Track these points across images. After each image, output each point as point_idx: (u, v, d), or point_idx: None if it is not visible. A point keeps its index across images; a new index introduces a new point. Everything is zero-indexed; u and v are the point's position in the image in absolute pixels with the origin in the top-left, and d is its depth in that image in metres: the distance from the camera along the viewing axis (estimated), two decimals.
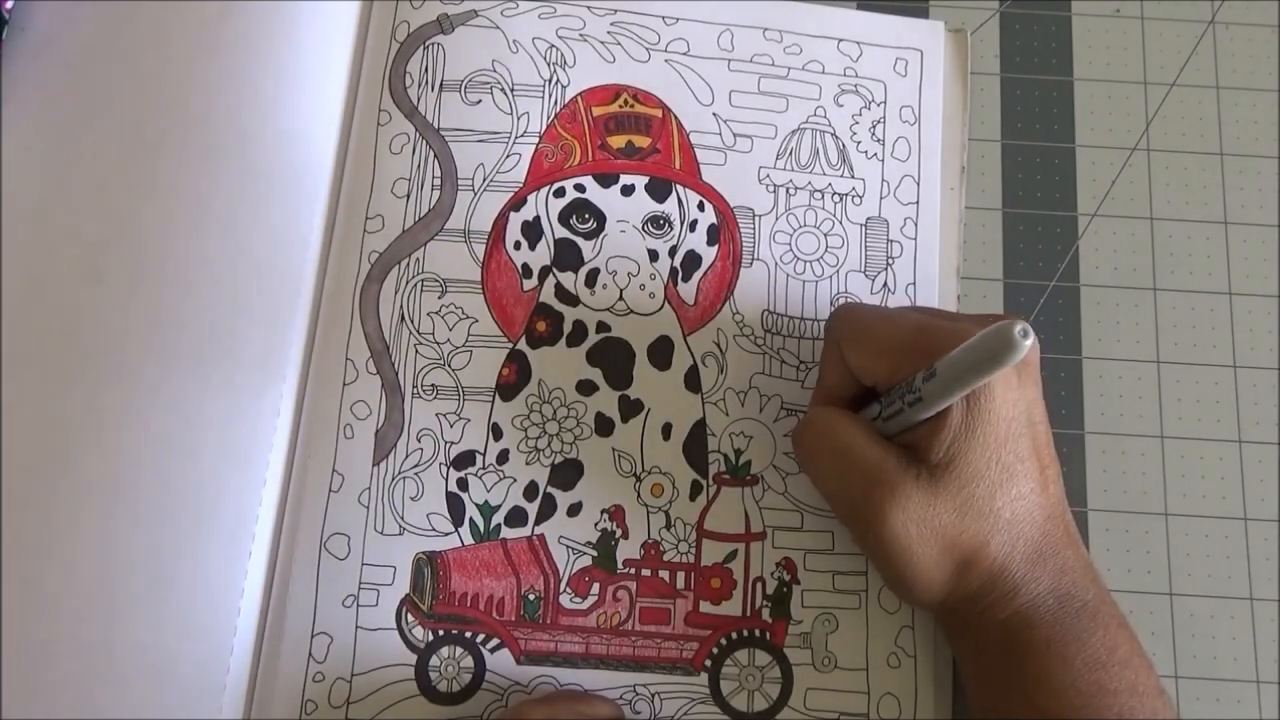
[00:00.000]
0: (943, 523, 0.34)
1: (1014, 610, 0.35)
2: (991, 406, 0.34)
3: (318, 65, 0.44)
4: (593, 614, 0.40)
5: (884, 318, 0.37)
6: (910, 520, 0.34)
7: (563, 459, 0.42)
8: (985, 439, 0.34)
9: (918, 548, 0.35)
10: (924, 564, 0.35)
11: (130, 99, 0.43)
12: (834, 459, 0.37)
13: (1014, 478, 0.35)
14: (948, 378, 0.33)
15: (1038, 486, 0.35)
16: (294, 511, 0.40)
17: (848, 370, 0.38)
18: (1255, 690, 0.41)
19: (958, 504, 0.34)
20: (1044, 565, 0.35)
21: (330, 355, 0.42)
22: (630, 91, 0.45)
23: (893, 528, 0.34)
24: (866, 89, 0.46)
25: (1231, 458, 0.43)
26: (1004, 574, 0.35)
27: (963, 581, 0.35)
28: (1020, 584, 0.35)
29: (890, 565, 0.35)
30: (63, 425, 0.39)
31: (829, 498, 0.38)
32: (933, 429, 0.35)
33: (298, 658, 0.39)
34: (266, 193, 0.42)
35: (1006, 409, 0.34)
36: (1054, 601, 0.35)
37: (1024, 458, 0.35)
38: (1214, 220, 0.46)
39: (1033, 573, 0.35)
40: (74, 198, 0.42)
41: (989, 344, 0.31)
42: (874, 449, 0.36)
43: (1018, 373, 0.35)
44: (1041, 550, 0.35)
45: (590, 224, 0.44)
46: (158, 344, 0.40)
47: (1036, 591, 0.35)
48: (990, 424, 0.34)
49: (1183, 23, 0.49)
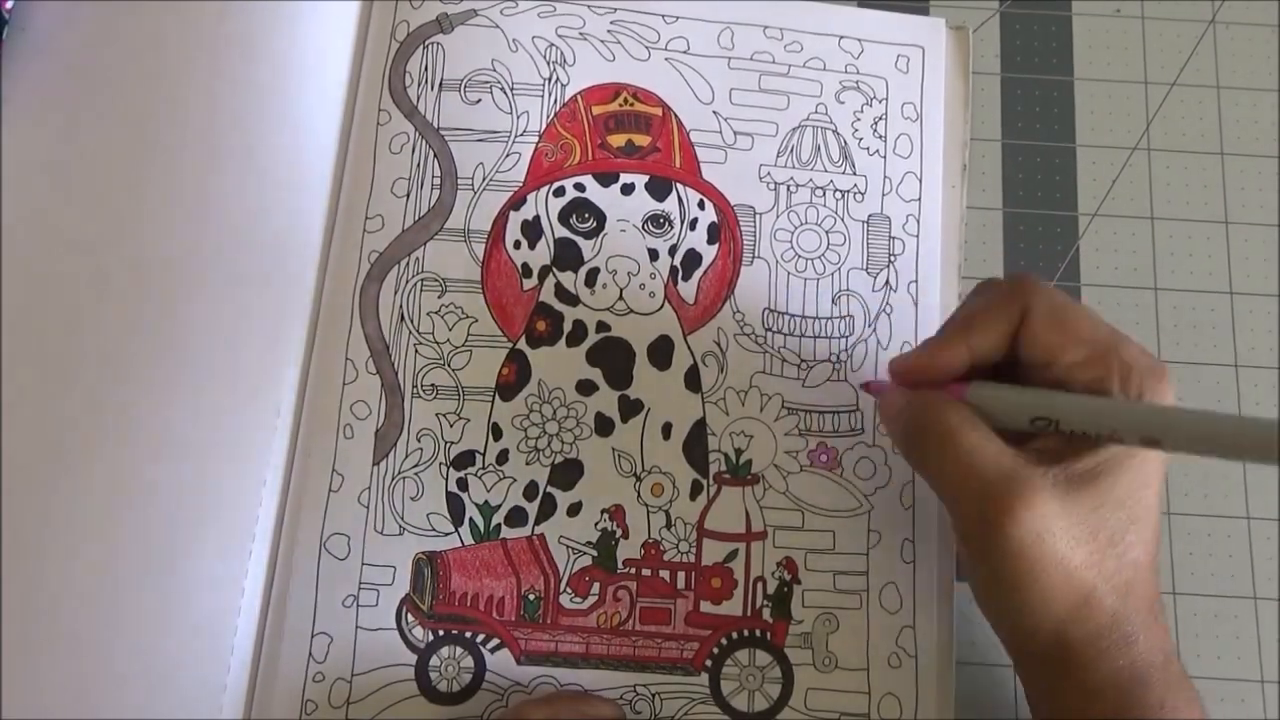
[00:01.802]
0: (1075, 537, 0.31)
1: (1131, 660, 0.32)
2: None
3: (318, 65, 0.44)
4: (593, 614, 0.40)
5: (1085, 308, 0.34)
6: (1046, 530, 0.31)
7: (563, 459, 0.42)
8: (1140, 468, 0.32)
9: (1048, 562, 0.31)
10: (1050, 581, 0.31)
11: (130, 99, 0.43)
12: (957, 463, 0.33)
13: (1149, 518, 0.32)
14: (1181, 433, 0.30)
15: (1153, 538, 0.33)
16: (294, 511, 0.40)
17: (1010, 339, 0.34)
18: (1258, 690, 0.41)
19: (1091, 524, 0.31)
20: (1156, 620, 0.33)
21: (330, 355, 0.42)
22: (630, 90, 0.45)
23: (1023, 538, 0.31)
24: (868, 86, 0.46)
25: None
26: (1125, 619, 0.32)
27: (1085, 613, 0.32)
28: (1138, 633, 0.32)
29: (1010, 583, 0.32)
30: (63, 425, 0.39)
31: (945, 501, 0.35)
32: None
33: (298, 658, 0.39)
34: (266, 192, 0.42)
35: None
36: (1163, 660, 0.32)
37: (1155, 505, 0.33)
38: (1214, 220, 0.46)
39: (1148, 622, 0.32)
40: (75, 198, 0.41)
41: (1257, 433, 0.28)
42: (1005, 455, 0.32)
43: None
44: (1155, 605, 0.33)
45: (590, 223, 0.44)
46: (158, 344, 0.40)
47: (1152, 645, 0.32)
48: (1149, 457, 0.32)
49: (1183, 23, 0.49)
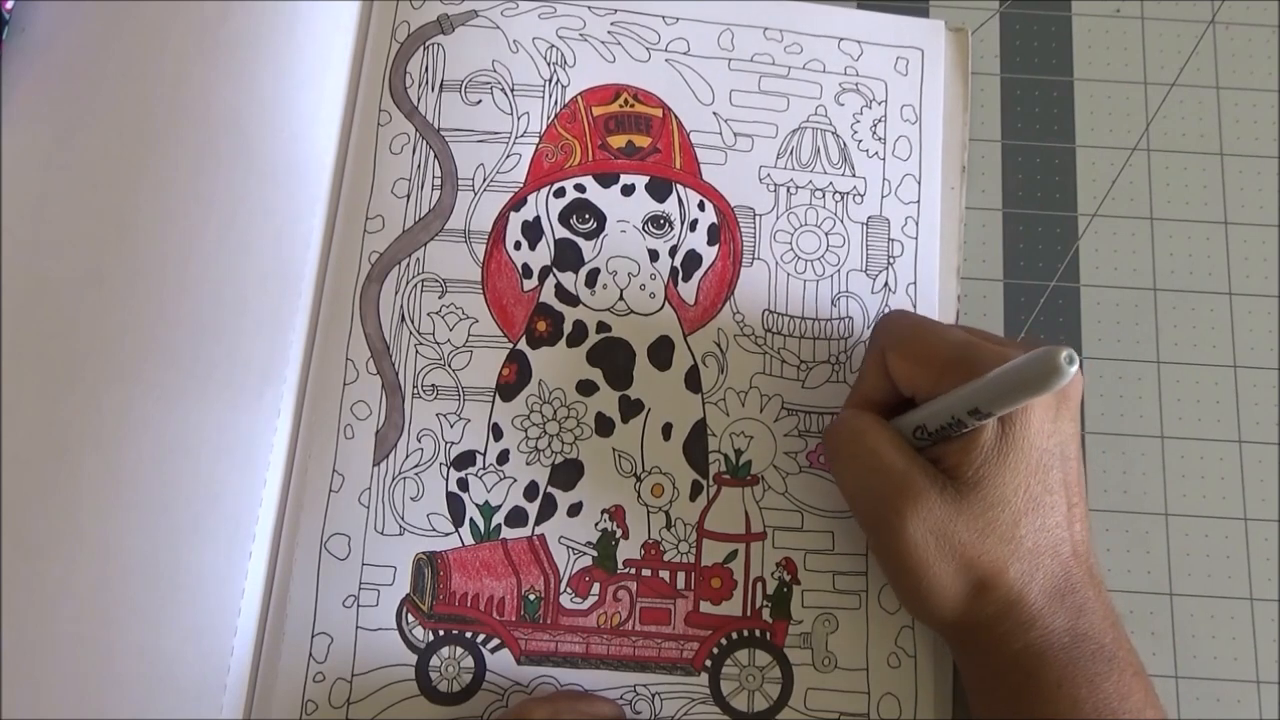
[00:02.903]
0: (963, 540, 0.34)
1: (1027, 643, 0.34)
2: (1026, 434, 0.34)
3: (318, 65, 0.44)
4: (593, 614, 0.40)
5: (932, 330, 0.37)
6: (930, 531, 0.34)
7: (563, 459, 0.42)
8: (1016, 465, 0.34)
9: (935, 561, 0.34)
10: (939, 578, 0.34)
11: (130, 99, 0.43)
12: (861, 462, 0.36)
13: (1040, 508, 0.34)
14: (988, 396, 0.33)
15: (1063, 521, 0.35)
16: (294, 511, 0.40)
17: (888, 377, 0.37)
18: (1255, 690, 0.41)
19: (980, 525, 0.34)
20: (1062, 601, 0.35)
21: (330, 355, 0.42)
22: (630, 91, 0.45)
23: (912, 536, 0.34)
24: (867, 88, 0.46)
25: (1231, 458, 0.43)
26: (1020, 603, 0.34)
27: (977, 604, 0.35)
28: (1036, 616, 0.34)
29: (906, 575, 0.35)
30: (63, 425, 0.39)
31: (851, 499, 0.38)
32: (964, 447, 0.34)
33: (298, 658, 0.39)
34: (267, 193, 0.42)
35: (1041, 439, 0.34)
36: (1069, 640, 0.34)
37: (1053, 490, 0.35)
38: (1214, 220, 0.46)
39: (1050, 607, 0.34)
40: (74, 198, 0.41)
41: (1034, 367, 0.30)
42: (903, 457, 0.35)
43: (1058, 405, 0.35)
44: (1061, 586, 0.35)
45: (590, 224, 0.44)
46: (158, 345, 0.40)
47: (1052, 627, 0.34)
48: (1023, 451, 0.34)
49: (1183, 23, 0.49)
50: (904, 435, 0.37)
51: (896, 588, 0.37)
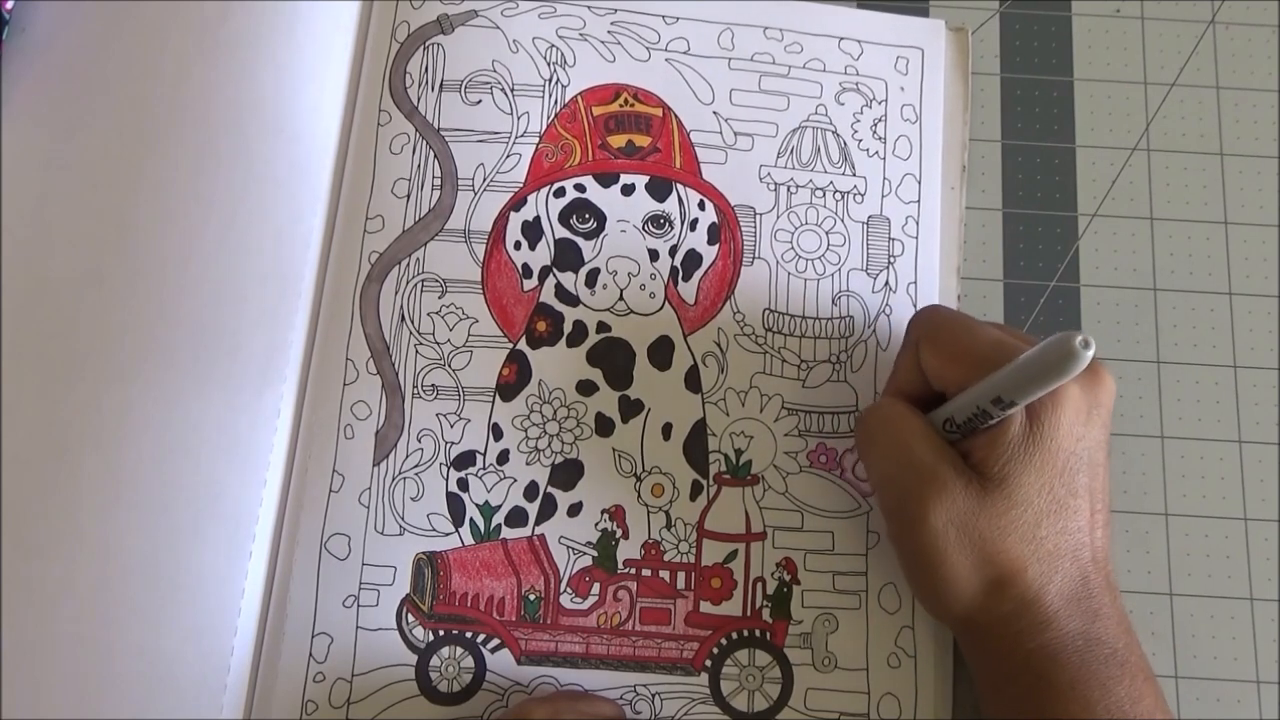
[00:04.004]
0: (984, 534, 0.34)
1: (1041, 643, 0.34)
2: (1055, 435, 0.34)
3: (318, 65, 0.44)
4: (593, 614, 0.40)
5: (965, 327, 0.37)
6: (952, 522, 0.34)
7: (563, 459, 0.42)
8: (1042, 465, 0.34)
9: (954, 552, 0.34)
10: (956, 569, 0.35)
11: (130, 99, 0.43)
12: (891, 449, 0.37)
13: (1064, 511, 0.35)
14: (1009, 384, 0.33)
15: (1085, 526, 0.35)
16: (294, 511, 0.40)
17: (921, 371, 0.38)
18: (1255, 690, 0.41)
19: (1003, 522, 0.34)
20: (1079, 605, 0.35)
21: (330, 355, 0.42)
22: (630, 91, 0.45)
23: (933, 526, 0.34)
24: (867, 87, 0.46)
25: (1231, 458, 0.43)
26: (1036, 603, 0.34)
27: (992, 601, 0.35)
28: (1051, 618, 0.34)
29: (923, 564, 0.35)
30: (63, 425, 0.39)
31: (877, 486, 0.38)
32: (991, 440, 0.34)
33: (298, 658, 0.39)
34: (266, 193, 0.42)
35: (1070, 442, 0.34)
36: (1083, 643, 0.34)
37: (1078, 494, 0.35)
38: (1214, 220, 0.46)
39: (1066, 610, 0.34)
40: (74, 198, 0.41)
41: (1051, 353, 0.31)
42: (932, 448, 0.36)
43: (1089, 410, 0.35)
44: (1078, 590, 0.35)
45: (590, 224, 0.44)
46: (158, 344, 0.40)
47: (1067, 629, 0.34)
48: (1050, 452, 0.34)
49: (1183, 23, 0.49)
50: (935, 427, 0.37)
51: (911, 577, 0.37)
